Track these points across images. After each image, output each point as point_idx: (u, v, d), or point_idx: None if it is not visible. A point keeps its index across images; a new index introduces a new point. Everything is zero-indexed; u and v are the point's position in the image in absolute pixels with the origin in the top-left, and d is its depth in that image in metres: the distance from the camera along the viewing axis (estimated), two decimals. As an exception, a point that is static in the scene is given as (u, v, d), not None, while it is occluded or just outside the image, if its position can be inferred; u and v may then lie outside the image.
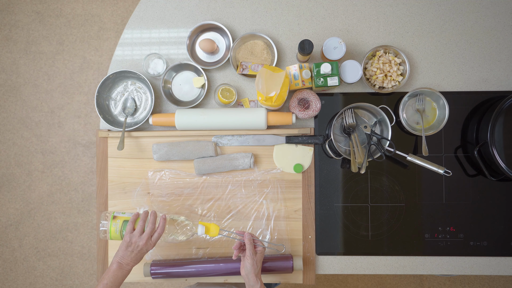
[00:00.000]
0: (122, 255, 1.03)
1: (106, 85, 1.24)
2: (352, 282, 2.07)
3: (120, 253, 1.03)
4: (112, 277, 1.01)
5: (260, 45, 1.23)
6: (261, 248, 1.05)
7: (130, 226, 1.05)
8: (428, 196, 1.23)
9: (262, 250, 1.05)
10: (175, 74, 1.26)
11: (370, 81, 1.22)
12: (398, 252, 1.22)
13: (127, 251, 1.03)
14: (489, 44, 1.24)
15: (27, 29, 2.17)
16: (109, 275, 1.01)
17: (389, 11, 1.26)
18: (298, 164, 1.21)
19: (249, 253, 1.03)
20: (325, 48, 1.17)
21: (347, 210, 1.24)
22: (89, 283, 2.14)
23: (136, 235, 1.03)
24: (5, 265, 2.15)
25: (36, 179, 2.14)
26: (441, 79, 1.25)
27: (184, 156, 1.22)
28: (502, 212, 1.22)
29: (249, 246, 1.03)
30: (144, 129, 1.26)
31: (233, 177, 1.24)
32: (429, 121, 1.22)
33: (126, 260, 1.03)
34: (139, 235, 1.03)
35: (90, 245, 2.13)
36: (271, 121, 1.19)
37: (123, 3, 2.18)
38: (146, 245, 1.03)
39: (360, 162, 1.14)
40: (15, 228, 2.14)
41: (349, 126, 1.17)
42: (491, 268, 1.22)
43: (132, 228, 1.05)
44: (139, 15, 1.28)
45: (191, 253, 1.23)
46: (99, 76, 2.15)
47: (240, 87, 1.26)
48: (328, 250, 1.23)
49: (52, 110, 2.15)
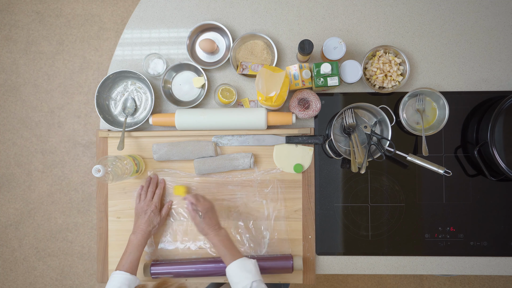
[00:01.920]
0: (135, 224, 1.17)
1: (106, 85, 1.24)
2: (352, 282, 2.07)
3: (134, 226, 1.17)
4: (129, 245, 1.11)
5: (260, 45, 1.23)
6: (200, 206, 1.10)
7: (137, 198, 1.21)
8: (428, 196, 1.23)
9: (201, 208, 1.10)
10: (175, 74, 1.26)
11: (370, 81, 1.22)
12: (398, 252, 1.22)
13: (138, 219, 1.17)
14: (489, 44, 1.24)
15: (27, 29, 2.17)
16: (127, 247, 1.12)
17: (389, 11, 1.26)
18: (298, 164, 1.21)
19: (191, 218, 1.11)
20: (325, 48, 1.17)
21: (347, 210, 1.23)
22: (89, 283, 2.14)
23: (141, 201, 1.20)
24: (5, 265, 2.15)
25: (36, 179, 2.14)
26: (441, 79, 1.25)
27: (184, 156, 1.22)
28: (502, 212, 1.22)
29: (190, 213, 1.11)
30: (144, 129, 1.26)
31: (233, 177, 1.24)
32: (429, 121, 1.22)
33: (138, 225, 1.15)
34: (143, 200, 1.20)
35: (90, 245, 2.13)
36: (271, 121, 1.19)
37: (123, 3, 2.18)
38: (149, 206, 1.18)
39: (360, 162, 1.14)
40: (15, 228, 2.14)
41: (349, 126, 1.17)
42: (491, 268, 1.22)
43: (139, 200, 1.21)
44: (139, 15, 1.28)
45: (191, 253, 1.23)
46: (99, 76, 2.15)
47: (240, 87, 1.26)
48: (328, 250, 1.23)
49: (52, 110, 2.15)
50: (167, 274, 1.17)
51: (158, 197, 1.21)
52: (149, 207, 1.18)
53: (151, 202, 1.19)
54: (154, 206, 1.18)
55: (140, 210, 1.18)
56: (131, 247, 1.11)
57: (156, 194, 1.21)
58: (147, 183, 1.22)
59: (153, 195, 1.20)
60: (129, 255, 1.09)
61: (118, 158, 1.11)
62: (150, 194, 1.20)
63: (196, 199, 1.10)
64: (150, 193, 1.20)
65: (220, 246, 1.07)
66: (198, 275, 1.18)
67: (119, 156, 1.13)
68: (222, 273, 1.16)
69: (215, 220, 1.11)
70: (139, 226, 1.15)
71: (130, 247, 1.11)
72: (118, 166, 1.08)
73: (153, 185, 1.22)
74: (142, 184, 1.23)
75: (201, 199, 1.12)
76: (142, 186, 1.22)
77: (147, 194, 1.20)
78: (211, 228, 1.09)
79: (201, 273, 1.17)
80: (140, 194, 1.21)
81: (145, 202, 1.19)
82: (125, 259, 1.09)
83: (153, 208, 1.18)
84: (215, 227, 1.10)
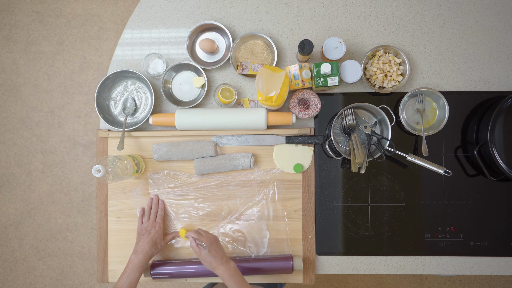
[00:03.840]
0: (136, 244, 1.14)
1: (106, 85, 1.24)
2: (352, 282, 2.07)
3: (135, 246, 1.14)
4: (129, 265, 1.09)
5: (260, 45, 1.23)
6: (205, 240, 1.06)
7: (140, 220, 1.21)
8: (428, 196, 1.23)
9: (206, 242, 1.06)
10: (175, 74, 1.26)
11: (370, 81, 1.22)
12: (398, 252, 1.22)
13: (140, 239, 1.15)
14: (489, 44, 1.24)
15: (27, 29, 2.17)
16: (126, 266, 1.09)
17: (389, 11, 1.26)
18: (298, 164, 1.21)
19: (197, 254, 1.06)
20: (325, 48, 1.17)
21: (347, 210, 1.24)
22: (89, 283, 2.14)
23: (144, 222, 1.19)
24: (5, 265, 2.15)
25: (36, 179, 2.14)
26: (441, 79, 1.25)
27: (184, 156, 1.22)
28: (502, 212, 1.22)
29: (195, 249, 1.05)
30: (144, 129, 1.26)
31: (233, 177, 1.24)
32: (429, 121, 1.22)
33: (140, 245, 1.13)
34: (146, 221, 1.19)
35: (90, 245, 2.13)
36: (271, 121, 1.19)
37: (123, 3, 2.18)
38: (153, 226, 1.17)
39: (360, 162, 1.14)
40: (15, 228, 2.14)
41: (349, 126, 1.17)
42: (491, 268, 1.22)
43: (141, 222, 1.20)
44: (139, 15, 1.28)
45: (191, 253, 1.23)
46: (99, 76, 2.15)
47: (240, 87, 1.26)
48: (328, 250, 1.23)
49: (52, 110, 2.15)
50: (167, 274, 1.17)
51: (161, 218, 1.21)
52: (153, 227, 1.17)
53: (155, 223, 1.19)
54: (158, 227, 1.18)
55: (144, 230, 1.17)
56: (131, 266, 1.08)
57: (158, 215, 1.21)
58: (149, 205, 1.22)
59: (156, 216, 1.21)
60: (128, 275, 1.06)
61: (118, 158, 1.11)
62: (154, 215, 1.20)
63: (198, 234, 1.06)
64: (154, 214, 1.21)
65: (230, 281, 1.02)
66: (198, 275, 1.18)
67: (119, 156, 1.13)
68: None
69: (221, 252, 1.06)
70: (141, 246, 1.12)
71: (131, 267, 1.08)
72: (118, 166, 1.08)
73: (155, 206, 1.22)
74: (143, 207, 1.23)
75: (203, 233, 1.07)
76: (143, 208, 1.23)
77: (151, 215, 1.20)
78: (218, 261, 1.03)
79: (201, 273, 1.17)
80: (142, 215, 1.21)
81: (149, 223, 1.18)
82: (124, 278, 1.06)
83: (157, 229, 1.17)
84: (222, 260, 1.04)
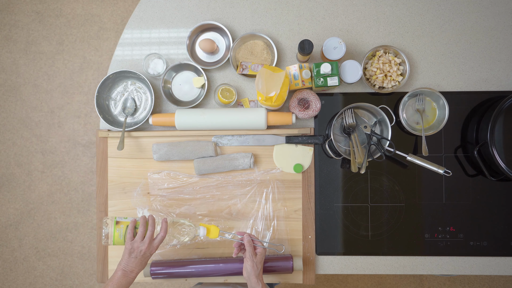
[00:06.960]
0: (126, 262, 1.02)
1: (106, 85, 1.24)
2: (352, 282, 2.07)
3: (124, 261, 1.02)
4: (116, 284, 1.00)
5: (260, 45, 1.23)
6: (261, 249, 1.05)
7: (130, 233, 1.03)
8: (428, 196, 1.23)
9: (263, 251, 1.05)
10: (175, 74, 1.26)
11: (370, 81, 1.22)
12: (398, 252, 1.22)
13: (130, 258, 1.02)
14: (489, 44, 1.24)
15: (27, 29, 2.17)
16: (113, 283, 1.00)
17: (389, 11, 1.26)
18: (298, 164, 1.21)
19: (249, 255, 1.03)
20: (325, 48, 1.17)
21: (347, 210, 1.24)
22: (89, 283, 2.13)
23: (137, 240, 1.02)
24: (5, 265, 2.15)
25: (36, 179, 2.14)
26: (441, 79, 1.25)
27: (184, 156, 1.22)
28: (502, 212, 1.22)
29: (249, 248, 1.03)
30: (144, 129, 1.26)
31: (233, 177, 1.24)
32: (429, 121, 1.22)
33: (131, 266, 1.02)
34: (141, 240, 1.02)
35: (90, 245, 2.13)
36: (271, 121, 1.19)
37: (123, 3, 2.18)
38: (148, 249, 1.02)
39: (360, 162, 1.14)
40: (15, 228, 2.14)
41: (349, 126, 1.17)
42: (491, 268, 1.22)
43: (132, 235, 1.04)
44: (139, 15, 1.28)
45: (191, 253, 1.23)
46: (99, 76, 2.15)
47: (240, 87, 1.26)
48: (328, 250, 1.23)
49: (52, 110, 2.15)
50: (167, 274, 1.17)
51: (161, 239, 1.04)
52: (148, 250, 1.02)
53: (151, 245, 1.03)
54: (154, 250, 1.04)
55: (136, 249, 1.02)
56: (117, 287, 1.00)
57: (159, 235, 1.04)
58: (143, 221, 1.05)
59: (153, 235, 1.04)
60: None
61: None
62: (150, 233, 1.04)
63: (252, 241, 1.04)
64: (150, 232, 1.04)
65: None
66: (198, 275, 1.18)
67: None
68: (221, 273, 1.16)
69: (261, 269, 1.04)
70: (132, 268, 1.02)
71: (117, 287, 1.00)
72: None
73: (152, 224, 1.05)
74: (136, 218, 1.07)
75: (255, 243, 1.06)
76: (134, 219, 1.06)
77: (147, 232, 1.03)
78: (259, 275, 1.01)
79: (201, 273, 1.17)
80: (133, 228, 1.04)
81: (143, 243, 1.02)
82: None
83: (152, 251, 1.04)
84: (260, 277, 1.01)
